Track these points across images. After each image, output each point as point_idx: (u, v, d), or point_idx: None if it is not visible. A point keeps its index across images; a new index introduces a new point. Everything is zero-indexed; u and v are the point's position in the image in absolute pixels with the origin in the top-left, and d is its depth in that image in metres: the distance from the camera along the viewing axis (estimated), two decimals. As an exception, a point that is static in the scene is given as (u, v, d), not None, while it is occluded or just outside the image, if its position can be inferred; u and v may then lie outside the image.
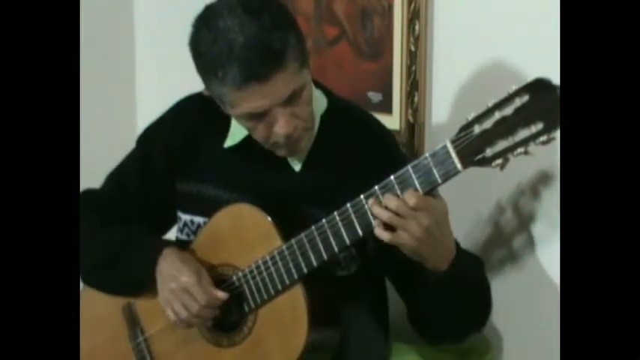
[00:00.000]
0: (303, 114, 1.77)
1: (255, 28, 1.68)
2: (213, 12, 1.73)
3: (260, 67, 1.68)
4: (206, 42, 1.72)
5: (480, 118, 1.59)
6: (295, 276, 1.79)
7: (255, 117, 1.75)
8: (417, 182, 1.64)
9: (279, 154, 1.84)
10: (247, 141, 1.87)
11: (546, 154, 1.66)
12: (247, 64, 1.68)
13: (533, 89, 1.54)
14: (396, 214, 1.65)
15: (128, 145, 2.08)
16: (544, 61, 1.76)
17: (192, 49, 1.76)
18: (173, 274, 1.85)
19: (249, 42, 1.68)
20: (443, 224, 1.68)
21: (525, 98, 1.55)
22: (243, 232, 1.86)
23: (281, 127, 1.75)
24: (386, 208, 1.65)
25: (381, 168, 1.69)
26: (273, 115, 1.74)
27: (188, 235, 1.97)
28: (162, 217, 2.04)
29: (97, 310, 2.04)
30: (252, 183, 1.88)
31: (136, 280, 1.94)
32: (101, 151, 2.42)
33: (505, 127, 1.56)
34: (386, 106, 2.25)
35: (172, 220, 2.03)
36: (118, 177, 2.06)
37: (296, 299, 1.80)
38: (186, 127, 1.97)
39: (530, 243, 2.06)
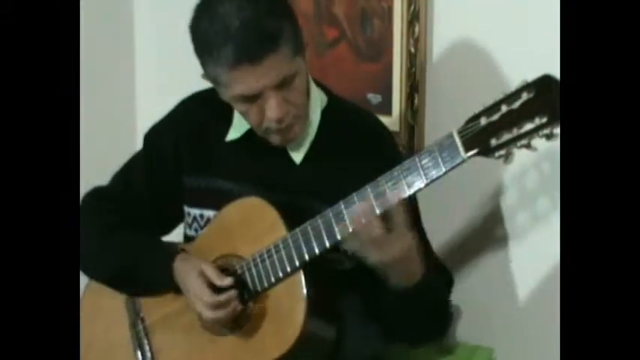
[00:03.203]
0: (294, 100, 1.81)
1: (251, 12, 1.75)
2: None
3: (253, 48, 1.74)
4: (204, 24, 1.78)
5: (487, 111, 1.61)
6: (297, 262, 1.79)
7: (247, 99, 1.80)
8: (421, 171, 1.66)
9: (272, 143, 1.87)
10: (250, 134, 1.90)
11: (548, 152, 1.66)
12: (240, 44, 1.74)
13: (540, 85, 1.57)
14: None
15: (128, 145, 2.08)
16: (544, 62, 1.76)
17: (192, 32, 1.82)
18: (185, 287, 1.88)
19: (245, 24, 1.74)
20: (407, 257, 1.74)
21: (532, 93, 1.57)
22: (251, 225, 1.87)
23: (272, 111, 1.79)
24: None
25: (379, 162, 1.73)
26: (265, 98, 1.78)
27: (196, 230, 1.99)
28: (171, 214, 2.05)
29: (102, 298, 2.05)
30: (254, 175, 1.90)
31: (153, 289, 1.98)
32: (101, 151, 2.42)
33: (510, 120, 1.59)
34: (385, 108, 2.25)
35: (181, 217, 2.04)
36: (125, 175, 2.08)
37: (295, 287, 1.80)
38: (192, 123, 2.00)
39: (531, 243, 2.06)
